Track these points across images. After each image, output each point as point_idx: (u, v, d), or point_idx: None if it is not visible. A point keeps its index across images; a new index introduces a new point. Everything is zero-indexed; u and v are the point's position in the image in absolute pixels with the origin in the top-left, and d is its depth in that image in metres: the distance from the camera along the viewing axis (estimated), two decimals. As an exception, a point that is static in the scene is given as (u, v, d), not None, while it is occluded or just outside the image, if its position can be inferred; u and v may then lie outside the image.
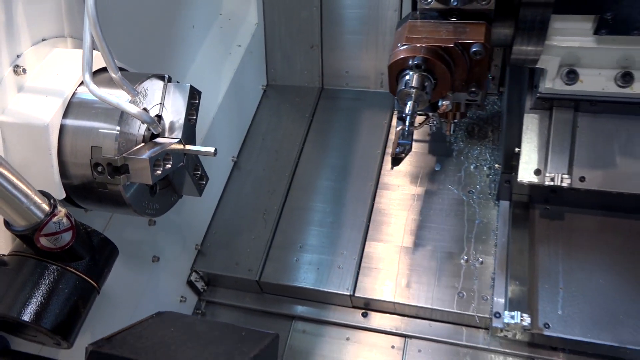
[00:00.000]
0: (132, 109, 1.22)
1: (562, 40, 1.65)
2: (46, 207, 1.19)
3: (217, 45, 2.64)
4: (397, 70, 1.47)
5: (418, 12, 1.51)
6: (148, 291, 2.10)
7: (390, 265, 2.27)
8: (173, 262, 2.26)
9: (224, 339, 1.21)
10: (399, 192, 2.49)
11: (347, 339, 2.25)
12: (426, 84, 1.43)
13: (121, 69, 1.34)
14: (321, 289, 2.26)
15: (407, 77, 1.44)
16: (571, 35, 1.63)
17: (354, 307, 2.28)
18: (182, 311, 2.31)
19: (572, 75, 1.80)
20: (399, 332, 2.21)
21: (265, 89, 2.99)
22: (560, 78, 1.82)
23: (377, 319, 2.25)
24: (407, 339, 2.20)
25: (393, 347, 2.20)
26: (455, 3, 1.42)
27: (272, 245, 2.40)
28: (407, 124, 1.42)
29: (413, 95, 1.42)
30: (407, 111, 1.41)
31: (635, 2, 1.41)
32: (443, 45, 1.42)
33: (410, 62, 1.45)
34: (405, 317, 2.22)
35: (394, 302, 2.20)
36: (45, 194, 1.21)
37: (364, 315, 2.27)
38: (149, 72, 1.42)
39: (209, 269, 2.39)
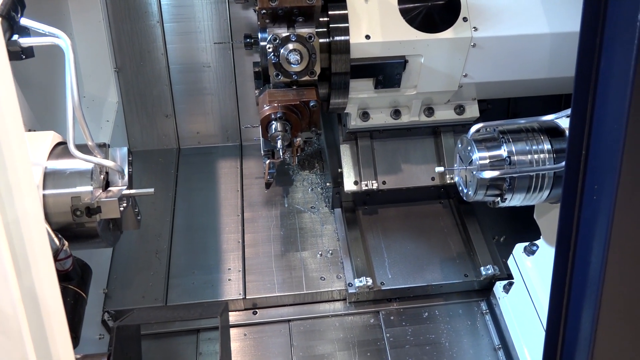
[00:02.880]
0: (110, 164, 1.79)
1: (357, 94, 2.62)
2: (57, 240, 1.67)
3: (88, 122, 3.10)
4: (266, 121, 2.26)
5: (272, 84, 2.33)
6: (76, 330, 2.46)
7: (268, 270, 2.97)
8: (89, 306, 2.63)
9: (196, 307, 1.81)
10: (261, 216, 3.23)
11: (245, 335, 2.85)
12: (286, 128, 2.24)
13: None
14: (218, 299, 2.85)
15: (274, 126, 2.24)
16: (362, 90, 2.61)
17: (245, 309, 2.91)
18: (101, 347, 2.68)
19: (365, 116, 2.80)
20: (283, 318, 2.89)
21: (129, 155, 3.50)
22: (359, 117, 2.81)
23: (266, 313, 2.91)
24: (290, 323, 2.90)
25: (281, 331, 2.87)
26: (295, 78, 2.27)
27: (169, 276, 2.92)
28: (281, 156, 2.20)
29: (280, 136, 2.22)
30: (279, 146, 2.20)
31: (391, 71, 2.44)
32: (293, 103, 2.26)
33: (273, 116, 2.25)
34: (287, 306, 2.92)
35: (276, 296, 2.90)
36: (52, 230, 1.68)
37: (254, 313, 2.91)
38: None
39: (119, 307, 2.79)
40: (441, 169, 2.25)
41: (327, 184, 3.29)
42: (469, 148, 2.10)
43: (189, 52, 3.43)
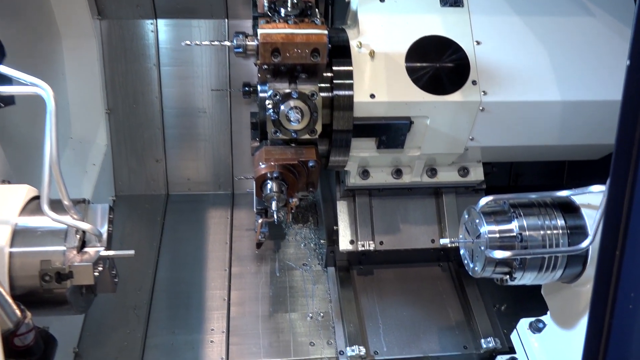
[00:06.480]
0: (87, 227, 1.62)
1: (358, 152, 2.49)
2: (18, 312, 1.48)
3: (72, 165, 2.96)
4: (261, 180, 2.11)
5: (269, 141, 2.20)
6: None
7: (254, 332, 2.77)
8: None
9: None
10: (249, 272, 3.05)
11: (225, 404, 2.64)
12: (282, 188, 2.10)
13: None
14: (199, 364, 2.65)
15: (269, 185, 2.09)
16: (364, 149, 2.48)
17: (227, 375, 2.71)
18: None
19: (365, 174, 2.66)
20: (268, 387, 2.69)
21: (114, 200, 3.34)
22: (358, 175, 2.67)
23: (249, 379, 2.71)
24: (275, 392, 2.69)
25: (264, 398, 2.66)
26: (294, 135, 2.14)
27: (147, 335, 2.71)
28: (275, 217, 2.05)
29: (275, 197, 2.07)
30: (273, 208, 2.05)
31: (395, 132, 2.32)
32: (291, 162, 2.12)
33: (269, 175, 2.11)
34: (272, 374, 2.73)
35: (261, 361, 2.70)
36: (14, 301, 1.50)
37: (238, 378, 2.70)
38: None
39: (90, 369, 2.58)
40: (446, 241, 2.10)
41: (322, 240, 3.13)
42: (477, 221, 1.96)
43: (184, 97, 3.32)
